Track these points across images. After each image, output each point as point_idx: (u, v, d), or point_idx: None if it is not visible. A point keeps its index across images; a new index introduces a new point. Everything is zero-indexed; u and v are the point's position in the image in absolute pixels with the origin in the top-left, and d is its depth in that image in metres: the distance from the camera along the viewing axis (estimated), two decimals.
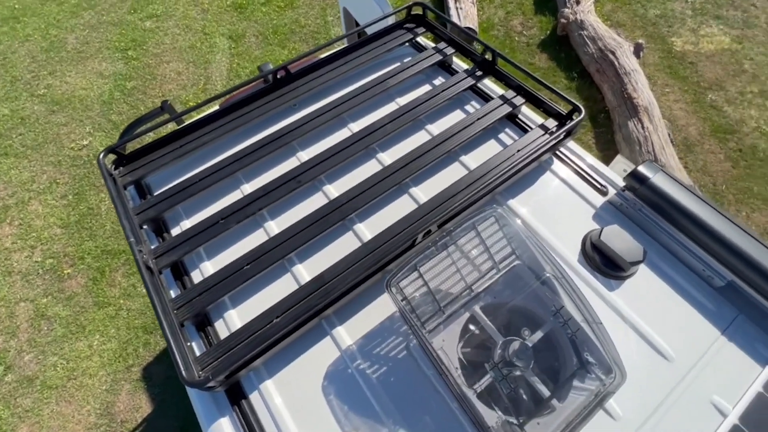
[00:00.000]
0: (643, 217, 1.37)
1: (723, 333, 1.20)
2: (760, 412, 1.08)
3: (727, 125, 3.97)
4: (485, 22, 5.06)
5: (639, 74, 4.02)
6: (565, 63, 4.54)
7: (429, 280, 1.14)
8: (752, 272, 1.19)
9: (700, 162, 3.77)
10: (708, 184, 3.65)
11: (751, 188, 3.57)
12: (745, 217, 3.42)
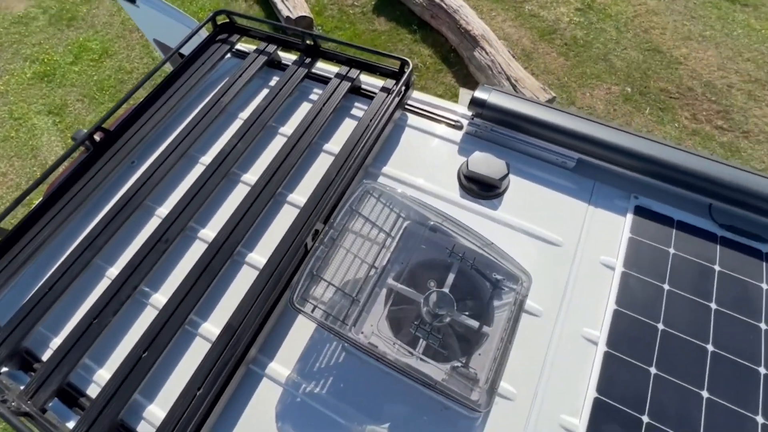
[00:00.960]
0: (496, 135, 1.49)
1: (589, 203, 1.38)
2: (635, 253, 1.27)
3: (549, 27, 4.51)
4: (316, 6, 5.02)
5: (466, 8, 4.34)
6: (403, 19, 4.73)
7: (332, 278, 1.12)
8: (589, 145, 1.37)
9: (542, 65, 4.25)
10: (554, 81, 4.14)
11: (585, 71, 4.15)
12: (588, 96, 3.97)
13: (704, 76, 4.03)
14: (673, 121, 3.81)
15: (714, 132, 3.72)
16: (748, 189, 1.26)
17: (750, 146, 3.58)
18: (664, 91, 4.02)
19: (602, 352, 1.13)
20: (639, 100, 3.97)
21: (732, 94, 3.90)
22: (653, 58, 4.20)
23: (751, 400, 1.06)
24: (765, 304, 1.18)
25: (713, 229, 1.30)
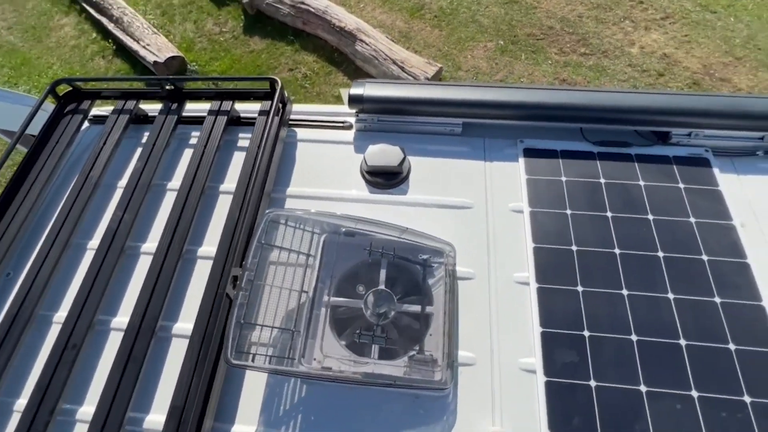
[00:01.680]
0: (384, 124, 1.53)
1: (485, 160, 1.46)
2: (535, 191, 1.38)
3: (416, 5, 4.70)
4: (183, 42, 4.75)
5: (333, 7, 4.37)
6: (277, 33, 4.64)
7: (264, 319, 1.08)
8: (467, 108, 1.45)
9: (421, 42, 4.43)
10: (436, 53, 4.33)
11: (460, 36, 4.40)
12: (470, 58, 4.22)
13: (558, 14, 4.47)
14: (546, 59, 4.18)
15: (580, 59, 4.14)
16: (606, 107, 1.41)
17: (611, 63, 4.05)
18: (531, 35, 4.39)
19: (535, 289, 1.22)
20: (513, 49, 4.29)
21: (584, 23, 4.37)
22: (513, 9, 4.56)
23: (659, 282, 1.20)
24: (646, 197, 1.34)
25: (589, 148, 1.45)
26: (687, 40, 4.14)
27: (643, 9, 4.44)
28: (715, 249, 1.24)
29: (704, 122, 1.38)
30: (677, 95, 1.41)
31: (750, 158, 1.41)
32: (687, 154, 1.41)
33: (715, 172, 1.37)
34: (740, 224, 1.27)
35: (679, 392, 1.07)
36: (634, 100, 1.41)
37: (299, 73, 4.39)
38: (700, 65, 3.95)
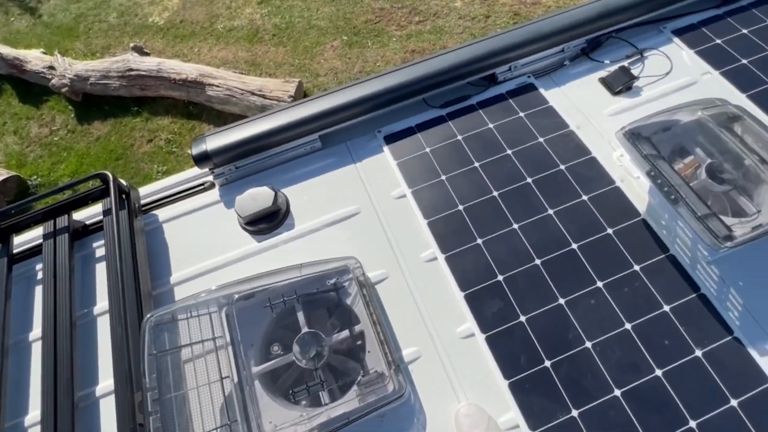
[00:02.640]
0: (244, 169, 1.46)
1: (354, 162, 1.47)
2: (408, 171, 1.42)
3: (250, 30, 4.60)
4: (12, 159, 4.10)
5: (166, 62, 4.09)
6: (118, 109, 4.22)
7: (190, 427, 0.97)
8: (314, 123, 1.44)
9: (270, 63, 4.35)
10: (290, 69, 4.29)
11: (305, 45, 4.40)
12: (324, 61, 4.25)
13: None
14: (390, 38, 4.37)
15: (419, 27, 4.40)
16: (434, 72, 1.50)
17: (444, 22, 4.37)
18: (368, 21, 4.54)
19: (444, 260, 1.26)
20: (358, 39, 4.41)
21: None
22: (342, 4, 4.67)
23: (537, 204, 1.32)
24: (499, 136, 1.46)
25: (438, 113, 1.54)
26: None
27: None
28: (566, 156, 1.40)
29: (516, 54, 1.54)
30: (485, 40, 1.54)
31: (562, 69, 1.60)
32: (515, 86, 1.56)
33: (542, 92, 1.54)
34: (576, 127, 1.45)
35: (588, 289, 1.19)
36: (453, 59, 1.51)
37: (161, 140, 4.05)
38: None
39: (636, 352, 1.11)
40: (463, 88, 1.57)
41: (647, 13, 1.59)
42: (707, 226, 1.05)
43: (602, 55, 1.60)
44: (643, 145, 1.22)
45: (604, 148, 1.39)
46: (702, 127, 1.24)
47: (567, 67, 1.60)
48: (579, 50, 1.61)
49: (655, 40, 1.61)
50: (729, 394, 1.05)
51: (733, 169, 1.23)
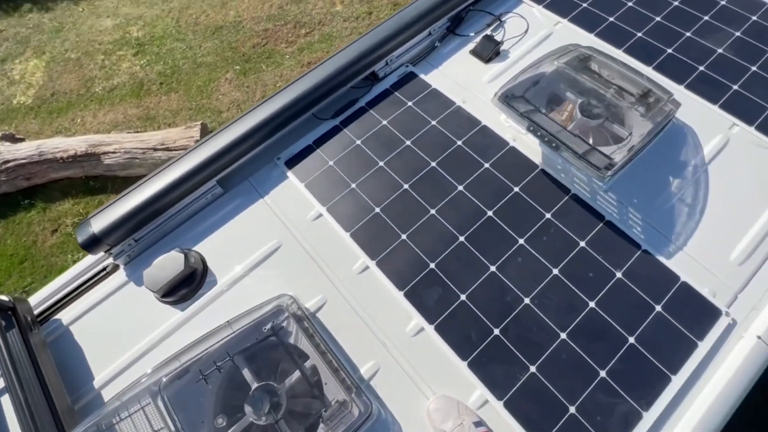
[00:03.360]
0: (145, 239, 1.35)
1: (263, 197, 1.42)
2: (318, 190, 1.39)
3: (135, 84, 4.30)
4: None
5: (47, 142, 3.72)
6: (4, 208, 3.75)
7: None
8: (206, 171, 1.37)
9: (167, 112, 4.10)
10: (188, 113, 4.08)
11: (197, 85, 4.20)
12: (222, 95, 4.09)
13: (262, 16, 4.60)
14: (283, 56, 4.31)
15: (308, 39, 4.38)
16: (314, 86, 1.48)
17: (330, 28, 4.38)
18: (255, 45, 4.44)
19: (375, 266, 1.26)
20: (251, 65, 4.29)
21: (288, 11, 4.59)
22: (223, 34, 4.52)
23: (446, 185, 1.36)
24: (396, 131, 1.48)
25: (332, 124, 1.53)
26: None
27: None
28: (460, 131, 1.45)
29: (388, 48, 1.57)
30: (356, 42, 1.55)
31: (435, 51, 1.66)
32: (397, 78, 1.59)
33: (423, 77, 1.58)
34: (462, 101, 1.51)
35: (513, 249, 1.25)
36: (330, 68, 1.50)
37: (66, 227, 3.67)
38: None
39: (569, 293, 1.18)
40: (349, 93, 1.57)
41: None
42: (588, 161, 1.15)
43: (467, 29, 1.68)
44: (518, 104, 1.30)
45: (491, 115, 1.46)
46: (562, 75, 1.34)
47: (438, 48, 1.66)
48: (445, 30, 1.68)
49: (508, 4, 1.72)
50: (652, 302, 1.15)
51: (600, 102, 1.35)
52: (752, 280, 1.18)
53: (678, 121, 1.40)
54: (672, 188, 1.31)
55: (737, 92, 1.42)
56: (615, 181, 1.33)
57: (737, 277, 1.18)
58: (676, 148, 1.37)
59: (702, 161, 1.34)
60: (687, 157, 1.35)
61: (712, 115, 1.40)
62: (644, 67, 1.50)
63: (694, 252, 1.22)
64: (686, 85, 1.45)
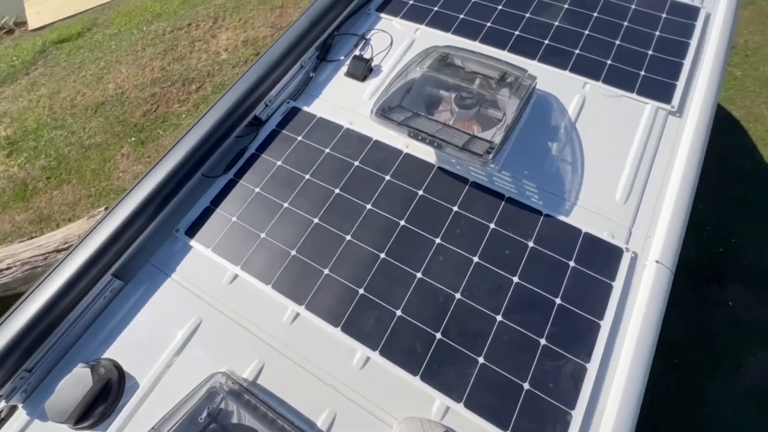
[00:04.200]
0: (40, 366, 1.18)
1: (169, 276, 1.31)
2: (229, 251, 1.32)
3: (18, 186, 3.86)
4: None
5: None
6: None
7: None
8: (96, 262, 1.24)
9: (62, 207, 3.72)
10: (88, 202, 3.74)
11: (92, 169, 3.88)
12: (120, 175, 3.81)
13: (145, 81, 4.39)
14: (179, 117, 4.13)
15: (201, 94, 4.24)
16: (198, 146, 1.42)
17: (222, 78, 4.30)
18: (146, 113, 4.22)
19: (305, 310, 1.21)
20: (146, 134, 4.06)
21: (172, 70, 4.43)
22: (107, 109, 4.24)
23: (355, 206, 1.36)
24: (293, 169, 1.46)
25: (226, 179, 1.46)
26: (242, 21, 4.71)
27: (196, 27, 4.77)
28: (355, 152, 1.46)
29: (264, 90, 1.55)
30: (229, 92, 1.52)
31: (311, 81, 1.68)
32: (281, 116, 1.58)
33: (306, 109, 1.59)
34: (350, 123, 1.53)
35: (432, 250, 1.27)
36: (209, 124, 1.45)
37: None
38: (269, 29, 4.59)
39: (493, 276, 1.22)
40: (237, 144, 1.53)
41: (348, 7, 1.76)
42: (470, 151, 1.21)
43: (336, 54, 1.73)
44: (397, 114, 1.35)
45: (380, 129, 1.49)
46: (430, 76, 1.42)
47: (314, 77, 1.68)
48: (316, 59, 1.70)
49: (369, 22, 1.80)
50: (565, 260, 1.23)
51: (470, 93, 1.44)
52: (638, 213, 1.32)
53: (541, 92, 1.54)
54: (553, 152, 1.42)
55: (580, 55, 1.60)
56: (505, 159, 1.42)
57: (626, 214, 1.31)
58: (546, 116, 1.50)
59: (570, 121, 1.48)
60: (557, 121, 1.49)
61: (566, 80, 1.56)
62: (501, 51, 1.64)
63: (586, 203, 1.33)
64: (539, 59, 1.61)
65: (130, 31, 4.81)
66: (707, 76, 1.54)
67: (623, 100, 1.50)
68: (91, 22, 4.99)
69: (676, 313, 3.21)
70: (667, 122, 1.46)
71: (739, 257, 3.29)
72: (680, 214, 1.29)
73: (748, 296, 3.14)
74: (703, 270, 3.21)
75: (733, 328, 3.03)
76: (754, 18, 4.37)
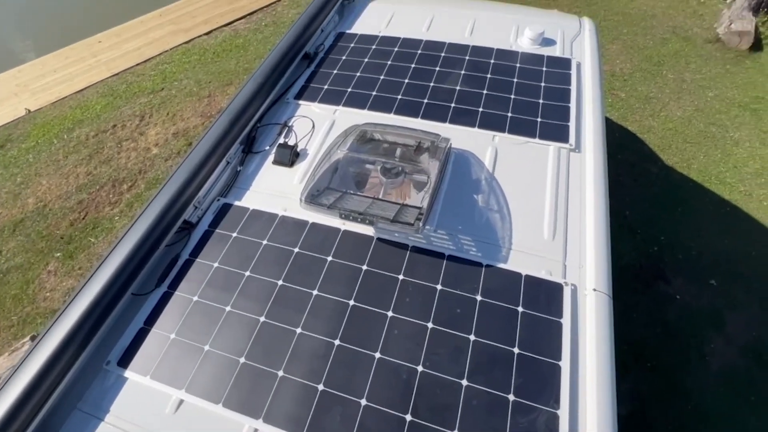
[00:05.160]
0: None
1: (106, 417, 1.16)
2: (167, 373, 1.21)
3: None
4: None
5: None
6: None
7: None
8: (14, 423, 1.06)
9: None
10: (15, 331, 3.30)
11: (13, 295, 3.47)
12: (49, 295, 3.45)
13: (67, 189, 4.17)
14: (112, 219, 3.91)
15: (134, 192, 4.10)
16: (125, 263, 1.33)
17: (156, 174, 4.20)
18: (73, 222, 3.96)
19: (263, 424, 1.11)
20: (76, 245, 3.78)
21: (99, 173, 4.27)
22: (26, 226, 3.93)
23: (301, 295, 1.33)
24: (231, 268, 1.41)
25: (160, 292, 1.37)
26: (170, 115, 4.75)
27: (122, 127, 4.71)
28: (293, 239, 1.46)
29: (191, 192, 1.53)
30: (156, 198, 1.47)
31: (240, 175, 1.69)
32: (213, 215, 1.55)
33: (238, 204, 1.58)
34: (284, 210, 1.54)
35: (386, 326, 1.25)
36: (136, 237, 1.38)
37: None
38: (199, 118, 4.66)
39: (450, 339, 1.22)
40: (169, 252, 1.47)
41: (268, 98, 1.85)
42: (401, 221, 1.26)
43: (261, 145, 1.78)
44: (327, 197, 1.38)
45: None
46: (352, 156, 1.49)
47: (243, 170, 1.70)
48: (241, 153, 1.73)
49: (290, 110, 1.89)
50: (514, 306, 1.27)
51: (394, 163, 1.53)
52: (567, 246, 1.41)
53: (457, 149, 1.67)
54: (480, 203, 1.52)
55: (484, 112, 1.78)
56: (438, 218, 1.48)
57: (556, 249, 1.40)
58: (467, 171, 1.61)
59: (488, 173, 1.60)
60: (477, 174, 1.60)
61: (477, 136, 1.71)
62: (415, 119, 1.78)
63: (520, 246, 1.41)
64: (449, 121, 1.76)
65: (50, 141, 4.64)
66: (591, 112, 1.77)
67: (529, 145, 1.67)
68: (4, 138, 4.77)
69: (636, 315, 3.39)
70: (570, 159, 1.63)
71: (673, 252, 3.60)
72: (602, 238, 1.40)
73: (690, 286, 3.40)
74: (646, 270, 3.46)
75: (687, 320, 3.23)
76: (622, 50, 5.21)
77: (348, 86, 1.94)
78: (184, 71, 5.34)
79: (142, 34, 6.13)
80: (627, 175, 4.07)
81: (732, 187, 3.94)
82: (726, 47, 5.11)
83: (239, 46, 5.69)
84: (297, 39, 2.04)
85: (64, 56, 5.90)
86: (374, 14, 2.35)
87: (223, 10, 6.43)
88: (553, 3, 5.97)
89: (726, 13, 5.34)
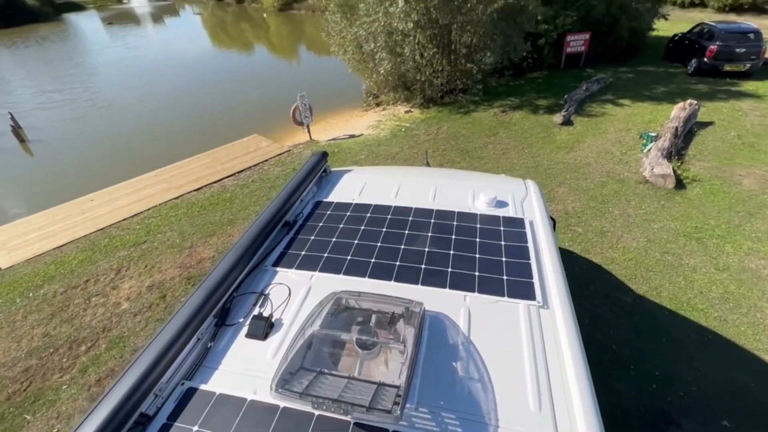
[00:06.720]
0: None
1: None
2: None
3: None
4: None
5: None
6: None
7: None
8: None
9: None
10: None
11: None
12: None
13: (15, 354, 3.79)
14: (58, 389, 3.47)
15: (93, 353, 3.77)
16: None
17: (121, 330, 3.96)
18: (14, 394, 3.48)
19: None
20: (6, 426, 3.23)
21: (55, 335, 3.97)
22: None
23: None
24: None
25: None
26: (147, 267, 4.77)
27: (95, 282, 4.63)
28: (262, 429, 1.32)
29: (153, 378, 1.42)
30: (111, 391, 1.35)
31: (210, 352, 1.62)
32: (174, 404, 1.41)
33: (204, 387, 1.46)
34: (253, 393, 1.43)
35: None
36: None
37: None
38: (178, 269, 4.68)
39: None
40: None
41: (246, 267, 1.93)
42: (377, 409, 1.18)
43: (236, 316, 1.76)
44: (300, 379, 1.32)
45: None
46: (326, 332, 1.49)
47: (213, 346, 1.63)
48: (215, 328, 1.70)
49: (267, 278, 1.95)
50: None
51: (369, 333, 1.52)
52: (556, 416, 1.33)
53: (431, 312, 1.70)
54: (460, 372, 1.47)
55: (453, 272, 1.90)
56: (418, 394, 1.40)
57: (545, 422, 1.31)
58: (443, 335, 1.61)
59: (464, 336, 1.61)
60: (453, 338, 1.60)
61: (449, 297, 1.78)
62: (388, 282, 1.86)
63: (507, 422, 1.31)
64: (421, 283, 1.85)
65: (12, 300, 4.44)
66: (550, 266, 1.91)
67: (500, 304, 1.74)
68: None
69: None
70: (540, 316, 1.68)
71: (673, 388, 3.42)
72: (590, 404, 1.33)
73: (705, 430, 3.12)
74: (651, 412, 3.20)
75: None
76: (569, 192, 5.98)
77: (324, 251, 2.07)
78: (169, 224, 5.61)
79: (134, 192, 6.64)
80: (603, 306, 4.15)
81: (706, 313, 4.04)
82: (655, 187, 5.99)
83: (226, 199, 6.19)
84: (279, 210, 2.25)
85: (52, 215, 6.17)
86: (349, 184, 2.69)
87: (215, 170, 7.21)
88: (503, 157, 7.08)
89: (646, 161, 6.45)
